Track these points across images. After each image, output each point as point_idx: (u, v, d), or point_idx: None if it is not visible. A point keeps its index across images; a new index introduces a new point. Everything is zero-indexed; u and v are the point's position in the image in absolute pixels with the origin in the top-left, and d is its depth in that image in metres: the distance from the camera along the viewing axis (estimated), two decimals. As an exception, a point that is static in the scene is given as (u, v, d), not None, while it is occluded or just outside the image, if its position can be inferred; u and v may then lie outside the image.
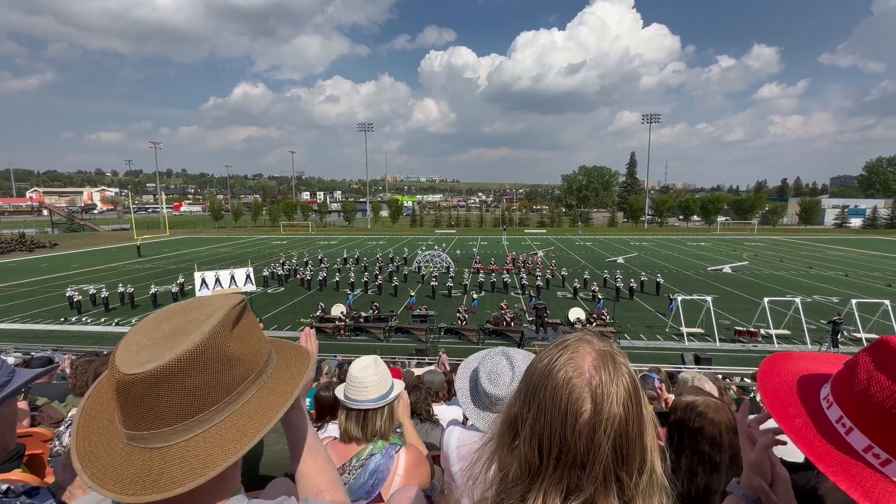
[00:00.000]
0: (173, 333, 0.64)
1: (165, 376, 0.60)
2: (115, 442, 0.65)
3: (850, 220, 75.69)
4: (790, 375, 0.80)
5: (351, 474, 1.49)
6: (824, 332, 17.40)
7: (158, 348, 0.62)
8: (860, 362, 0.67)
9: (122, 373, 0.60)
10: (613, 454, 0.65)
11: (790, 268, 34.14)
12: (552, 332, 17.76)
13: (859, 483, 0.61)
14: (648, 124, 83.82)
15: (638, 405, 0.68)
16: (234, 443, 0.65)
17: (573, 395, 0.66)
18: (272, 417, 0.70)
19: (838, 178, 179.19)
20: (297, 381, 0.77)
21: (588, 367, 0.68)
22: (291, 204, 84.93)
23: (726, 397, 2.87)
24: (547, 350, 0.74)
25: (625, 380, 0.68)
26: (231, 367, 0.67)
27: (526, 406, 0.71)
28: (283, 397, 0.73)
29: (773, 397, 0.78)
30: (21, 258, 42.09)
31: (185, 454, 0.63)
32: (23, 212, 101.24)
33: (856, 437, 0.64)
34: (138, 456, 0.63)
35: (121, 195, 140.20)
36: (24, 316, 21.19)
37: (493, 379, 1.35)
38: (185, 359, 0.61)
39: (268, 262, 34.30)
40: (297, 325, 19.55)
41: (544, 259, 35.94)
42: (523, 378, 0.75)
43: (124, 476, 0.61)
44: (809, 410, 0.72)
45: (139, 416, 0.62)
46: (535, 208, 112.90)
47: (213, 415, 0.65)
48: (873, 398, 0.62)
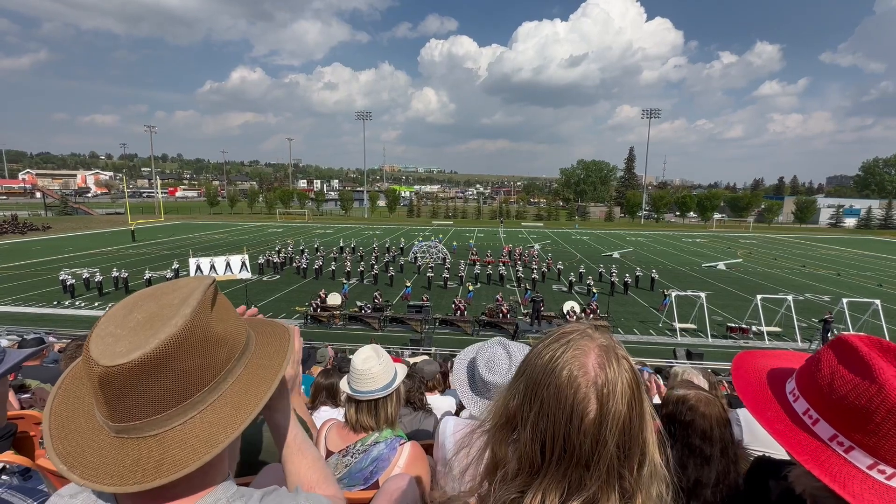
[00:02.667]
0: (150, 320, 0.62)
1: (153, 363, 0.58)
2: (101, 437, 0.63)
3: (844, 220, 76.17)
4: (759, 371, 0.87)
5: (353, 457, 1.52)
6: (815, 331, 17.62)
7: (138, 336, 0.59)
8: (823, 359, 0.74)
9: (104, 366, 0.57)
10: (617, 451, 0.64)
11: (784, 266, 34.42)
12: (546, 324, 17.88)
13: (828, 468, 0.68)
14: (648, 119, 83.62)
15: (640, 401, 0.67)
16: (232, 419, 0.65)
17: (578, 395, 0.65)
18: (265, 391, 0.70)
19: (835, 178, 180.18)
20: (282, 353, 0.77)
21: (592, 364, 0.66)
22: (288, 192, 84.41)
23: (717, 392, 2.90)
24: (547, 344, 0.71)
25: (627, 375, 0.67)
26: (217, 346, 0.66)
27: (527, 404, 0.69)
28: (273, 371, 0.73)
29: (746, 391, 0.84)
30: (13, 241, 41.71)
31: (185, 436, 0.62)
32: (15, 193, 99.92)
33: (822, 427, 0.71)
34: (132, 446, 0.61)
35: (115, 179, 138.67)
36: (16, 299, 21.05)
37: (491, 367, 1.38)
38: (171, 343, 0.59)
39: (263, 250, 34.19)
40: (293, 314, 19.56)
41: (540, 252, 36.02)
42: (522, 372, 0.73)
43: (121, 468, 0.60)
44: (779, 403, 0.79)
45: (129, 407, 0.60)
46: (533, 201, 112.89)
47: (207, 395, 0.65)
48: (837, 391, 0.69)
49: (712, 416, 1.44)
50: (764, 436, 1.83)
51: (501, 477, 0.71)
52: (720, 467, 1.38)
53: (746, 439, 1.82)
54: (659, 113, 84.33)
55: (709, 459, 1.38)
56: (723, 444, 1.41)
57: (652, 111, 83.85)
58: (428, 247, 32.59)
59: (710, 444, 1.40)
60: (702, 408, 1.45)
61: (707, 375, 3.01)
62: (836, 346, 0.73)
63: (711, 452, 1.38)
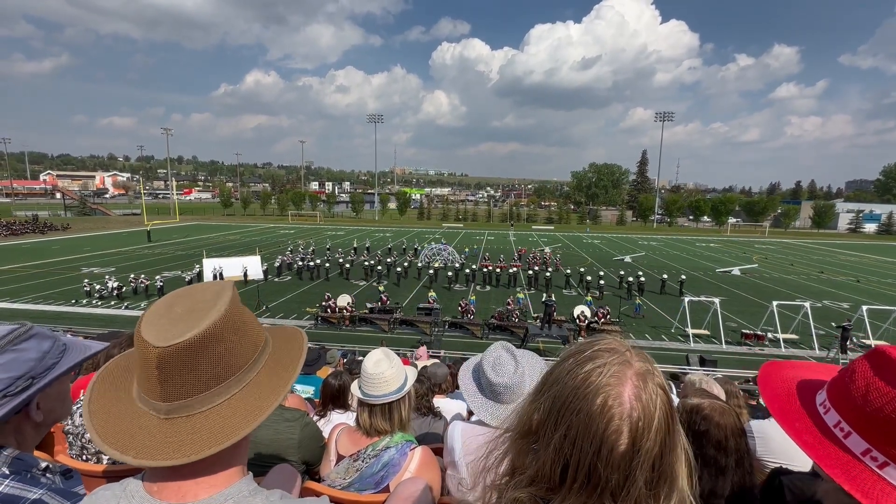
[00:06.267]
0: (191, 311, 0.71)
1: (203, 343, 0.67)
2: (147, 421, 0.69)
3: (864, 226, 74.27)
4: (786, 382, 0.84)
5: (364, 462, 1.52)
6: (833, 338, 17.20)
7: (186, 322, 0.68)
8: (857, 370, 0.70)
9: (161, 346, 0.65)
10: (645, 486, 0.62)
11: (801, 272, 33.68)
12: (556, 328, 17.74)
13: (859, 484, 0.64)
14: (661, 122, 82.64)
15: (673, 433, 0.65)
16: (270, 395, 0.75)
17: (611, 427, 0.61)
18: (292, 373, 0.80)
19: (854, 182, 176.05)
20: (299, 352, 0.85)
21: (629, 395, 0.63)
22: (300, 193, 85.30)
23: (736, 401, 2.84)
24: (580, 362, 0.67)
25: (664, 409, 0.64)
26: (248, 334, 0.76)
27: (552, 423, 0.65)
28: (294, 360, 0.82)
29: (773, 401, 0.81)
30: (34, 240, 42.76)
31: (234, 409, 0.71)
32: (36, 194, 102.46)
33: (854, 440, 0.67)
34: (183, 423, 0.69)
35: (132, 180, 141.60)
36: (35, 297, 21.56)
37: (497, 369, 1.39)
38: (217, 325, 0.69)
39: (276, 251, 34.53)
40: (303, 315, 19.71)
41: (551, 257, 35.82)
42: (549, 386, 0.69)
43: (179, 440, 0.67)
44: (809, 415, 0.76)
45: (183, 385, 0.68)
46: (544, 204, 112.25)
47: (245, 375, 0.74)
48: (872, 404, 0.65)
49: (727, 426, 1.41)
50: (778, 448, 1.80)
51: (515, 483, 0.70)
52: (735, 478, 1.35)
53: (760, 451, 1.79)
54: (672, 116, 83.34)
55: (724, 470, 1.35)
56: (738, 454, 1.38)
57: (665, 114, 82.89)
58: (439, 250, 32.57)
59: (726, 454, 1.37)
60: (716, 417, 1.43)
61: (726, 384, 2.96)
62: (872, 357, 0.70)
63: (727, 463, 1.36)
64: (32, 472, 0.92)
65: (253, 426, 0.70)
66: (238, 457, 0.74)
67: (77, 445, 1.78)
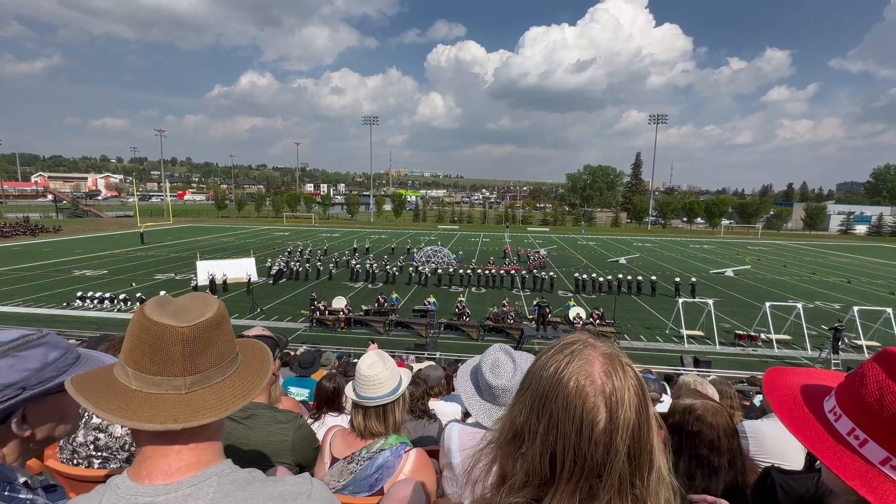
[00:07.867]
0: (190, 301, 0.81)
1: (216, 323, 0.79)
2: (171, 397, 0.76)
3: (855, 227, 75.11)
4: (791, 389, 0.80)
5: (359, 464, 1.51)
6: (825, 339, 17.35)
7: (196, 310, 0.78)
8: (868, 374, 0.66)
9: (187, 325, 0.75)
10: (628, 459, 0.64)
11: (793, 273, 33.99)
12: (552, 330, 17.78)
13: (881, 495, 0.60)
14: (655, 125, 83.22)
15: (646, 408, 0.67)
16: (258, 369, 0.89)
17: (587, 405, 0.64)
18: (266, 369, 0.91)
19: (845, 185, 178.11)
20: (266, 352, 0.96)
21: (599, 373, 0.66)
22: (295, 195, 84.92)
23: (730, 401, 2.86)
24: (550, 356, 0.71)
25: (633, 383, 0.67)
26: (230, 328, 0.87)
27: (534, 417, 0.68)
28: (266, 356, 0.94)
29: (782, 410, 0.78)
30: (25, 242, 42.26)
31: (241, 377, 0.84)
32: (27, 196, 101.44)
33: (871, 448, 0.63)
34: (205, 393, 0.78)
35: (125, 182, 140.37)
36: (26, 300, 21.30)
37: (496, 371, 1.39)
38: (220, 311, 0.81)
39: (270, 254, 34.35)
40: (298, 317, 19.61)
41: (547, 259, 35.91)
42: (527, 386, 0.72)
43: (197, 406, 0.76)
44: (820, 423, 0.72)
45: (205, 359, 0.78)
46: (539, 206, 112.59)
47: (238, 356, 0.87)
48: (889, 409, 0.61)
49: (719, 426, 1.43)
50: (771, 447, 1.81)
51: (508, 488, 0.71)
52: (728, 478, 1.36)
53: (754, 451, 1.80)
54: (666, 118, 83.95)
55: (717, 470, 1.36)
56: (731, 454, 1.39)
57: (659, 116, 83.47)
58: (434, 252, 32.54)
59: (718, 454, 1.38)
60: (709, 417, 1.44)
61: (720, 385, 2.97)
62: (883, 360, 0.65)
63: (719, 463, 1.37)
64: (13, 486, 0.86)
65: (259, 389, 0.84)
66: (219, 435, 0.84)
67: (68, 450, 1.76)
